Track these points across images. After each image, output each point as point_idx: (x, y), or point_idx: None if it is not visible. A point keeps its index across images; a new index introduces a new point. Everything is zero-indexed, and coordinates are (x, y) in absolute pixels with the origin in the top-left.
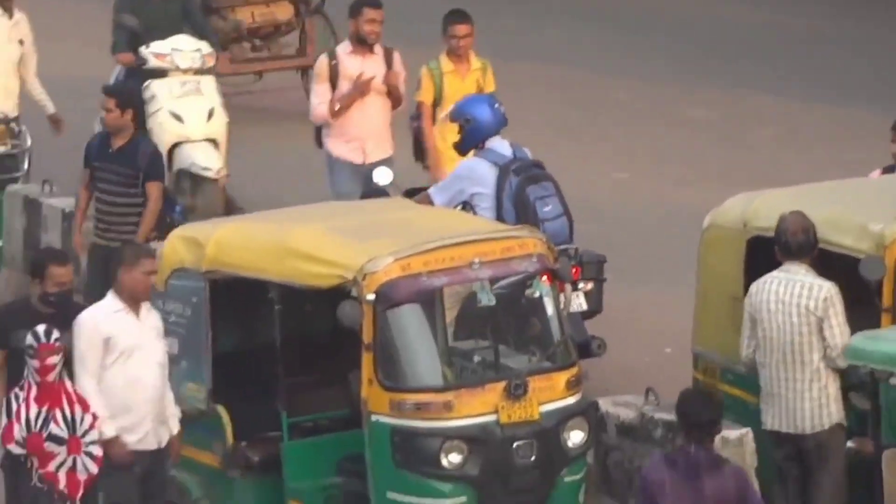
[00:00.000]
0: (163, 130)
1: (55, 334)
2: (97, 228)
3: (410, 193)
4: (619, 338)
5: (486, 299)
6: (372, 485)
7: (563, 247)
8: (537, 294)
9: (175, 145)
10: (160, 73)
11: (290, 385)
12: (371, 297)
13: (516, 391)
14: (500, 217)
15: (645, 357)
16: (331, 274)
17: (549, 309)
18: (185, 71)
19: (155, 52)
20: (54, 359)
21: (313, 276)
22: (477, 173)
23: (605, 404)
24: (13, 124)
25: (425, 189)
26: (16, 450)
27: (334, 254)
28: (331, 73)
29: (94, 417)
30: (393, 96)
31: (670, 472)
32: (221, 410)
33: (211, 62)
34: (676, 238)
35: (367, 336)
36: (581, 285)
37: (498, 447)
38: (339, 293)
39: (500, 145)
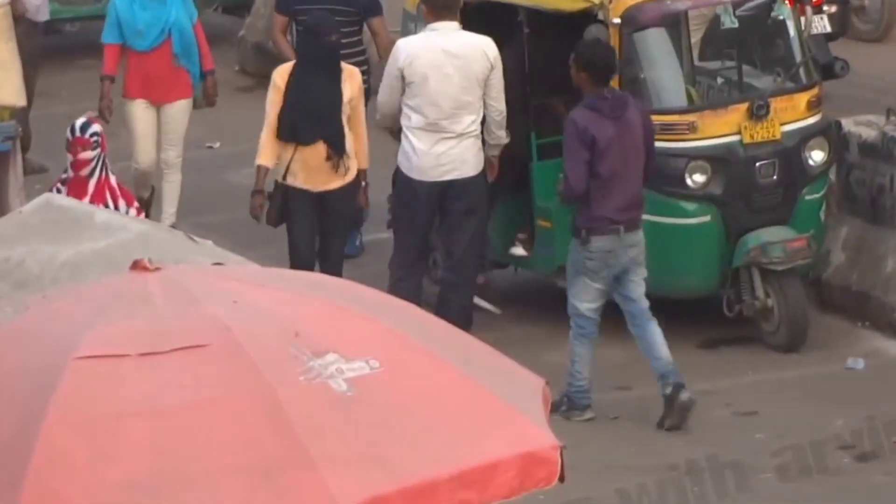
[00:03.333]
0: None
1: (93, 128)
2: None
3: None
4: (861, 59)
5: (730, 21)
6: None
7: None
8: (780, 16)
9: None
10: None
11: (538, 106)
12: (617, 20)
13: (759, 111)
14: None
15: (887, 78)
16: None
17: (792, 30)
18: None
19: None
20: (88, 154)
21: (561, 0)
22: None
23: (847, 124)
24: None
25: None
26: None
27: None
28: None
29: (139, 211)
30: None
31: (597, 115)
32: None
33: None
34: None
35: None
36: (825, 8)
37: (741, 167)
38: (587, 18)
39: None
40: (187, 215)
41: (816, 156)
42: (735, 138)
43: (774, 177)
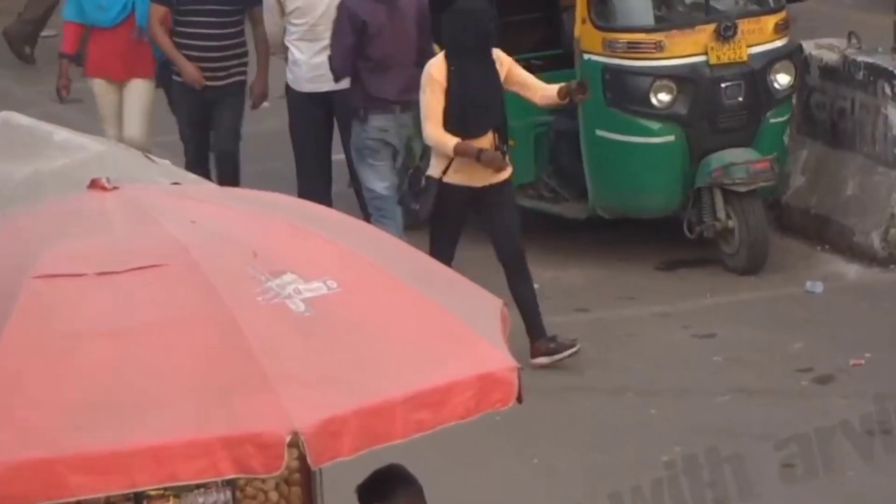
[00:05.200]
0: None
1: None
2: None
3: None
4: None
5: None
6: (581, 123)
7: None
8: None
9: None
10: None
11: (505, 24)
12: None
13: (726, 33)
14: None
15: (847, 1)
16: None
17: None
18: None
19: None
20: None
21: None
22: None
23: (808, 47)
24: None
25: None
26: None
27: None
28: None
29: None
30: None
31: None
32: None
33: None
34: None
35: None
36: None
37: (706, 87)
38: None
39: None
40: None
41: (782, 79)
42: (701, 59)
43: (740, 98)
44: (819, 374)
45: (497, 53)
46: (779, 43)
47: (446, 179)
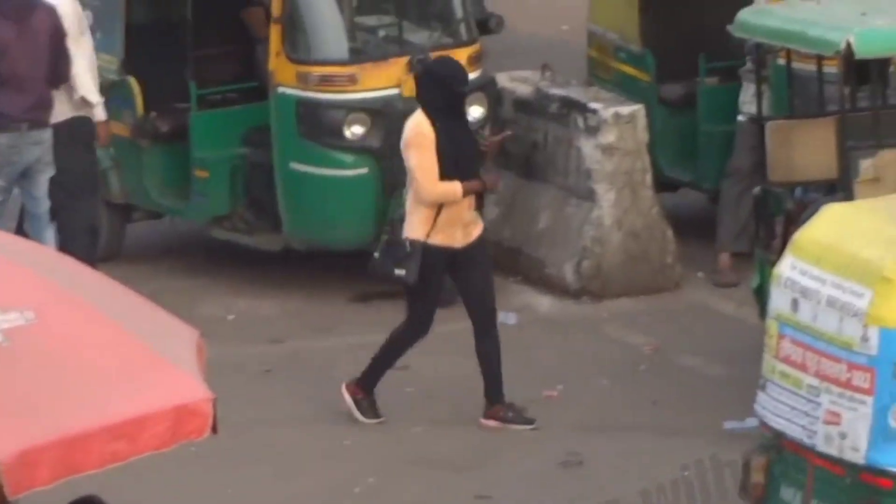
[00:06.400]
0: None
1: None
2: None
3: None
4: (517, 15)
5: None
6: (276, 155)
7: None
8: None
9: None
10: None
11: (199, 57)
12: None
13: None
14: None
15: (541, 34)
16: None
17: None
18: None
19: None
20: None
21: None
22: None
23: (502, 80)
24: None
25: None
26: None
27: None
28: None
29: None
30: None
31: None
32: (132, 82)
33: None
34: None
35: (276, 9)
36: None
37: (400, 120)
38: None
39: None
40: None
41: (475, 111)
42: (395, 91)
43: None
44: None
45: None
46: (472, 75)
47: (430, 241)
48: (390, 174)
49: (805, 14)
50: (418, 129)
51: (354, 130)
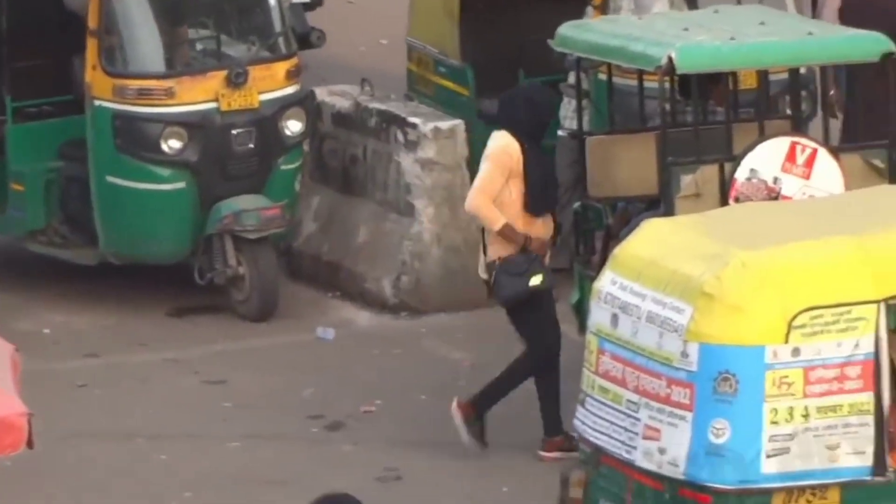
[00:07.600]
0: None
1: None
2: None
3: None
4: (337, 29)
5: None
6: (92, 169)
7: None
8: None
9: None
10: None
11: (15, 69)
12: None
13: (237, 79)
14: None
15: (361, 47)
16: None
17: (272, 0)
18: None
19: None
20: None
21: None
22: None
23: (321, 94)
24: None
25: None
26: None
27: None
28: None
29: None
30: None
31: None
32: None
33: None
34: None
35: (92, 21)
36: None
37: (217, 134)
38: None
39: None
40: None
41: (293, 126)
42: (213, 105)
43: (251, 145)
44: (330, 421)
45: None
46: (290, 89)
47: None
48: (207, 188)
49: (627, 29)
50: (506, 148)
51: (171, 144)
